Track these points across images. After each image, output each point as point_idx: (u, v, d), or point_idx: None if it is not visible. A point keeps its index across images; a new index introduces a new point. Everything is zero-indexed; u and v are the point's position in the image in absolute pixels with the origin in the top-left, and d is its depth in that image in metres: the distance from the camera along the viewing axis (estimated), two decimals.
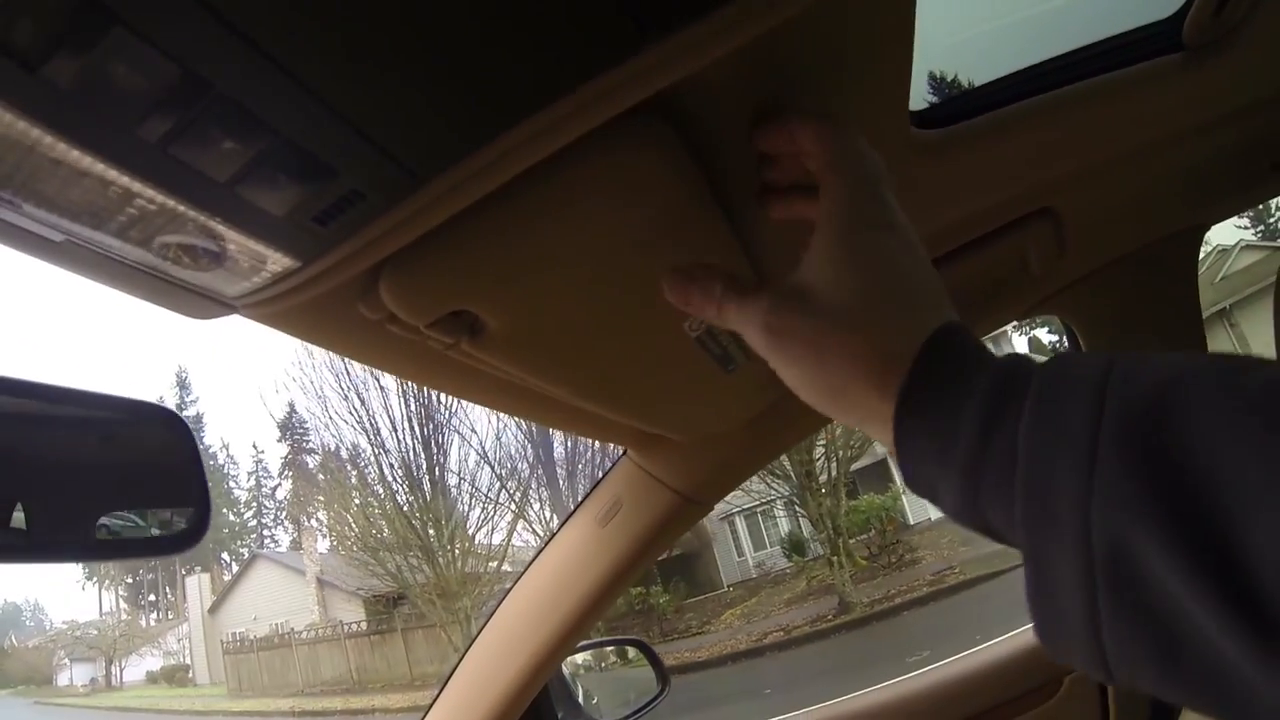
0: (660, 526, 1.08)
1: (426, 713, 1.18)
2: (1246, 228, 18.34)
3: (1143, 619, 0.31)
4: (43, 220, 0.37)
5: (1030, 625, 0.36)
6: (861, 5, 0.47)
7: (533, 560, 1.17)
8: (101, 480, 0.55)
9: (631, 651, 1.75)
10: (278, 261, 0.42)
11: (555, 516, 13.21)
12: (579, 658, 1.53)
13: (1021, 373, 0.37)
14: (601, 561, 1.08)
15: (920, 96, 0.72)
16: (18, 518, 0.52)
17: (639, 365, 0.72)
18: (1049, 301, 1.15)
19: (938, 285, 0.45)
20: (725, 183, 0.54)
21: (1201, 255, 1.29)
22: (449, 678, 1.18)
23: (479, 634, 1.18)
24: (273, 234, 0.40)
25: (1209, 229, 1.24)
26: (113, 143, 0.33)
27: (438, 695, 1.17)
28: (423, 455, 12.92)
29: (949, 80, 0.82)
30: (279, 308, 0.47)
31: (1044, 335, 24.26)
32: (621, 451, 1.11)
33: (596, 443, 12.51)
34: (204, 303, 0.47)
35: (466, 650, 1.18)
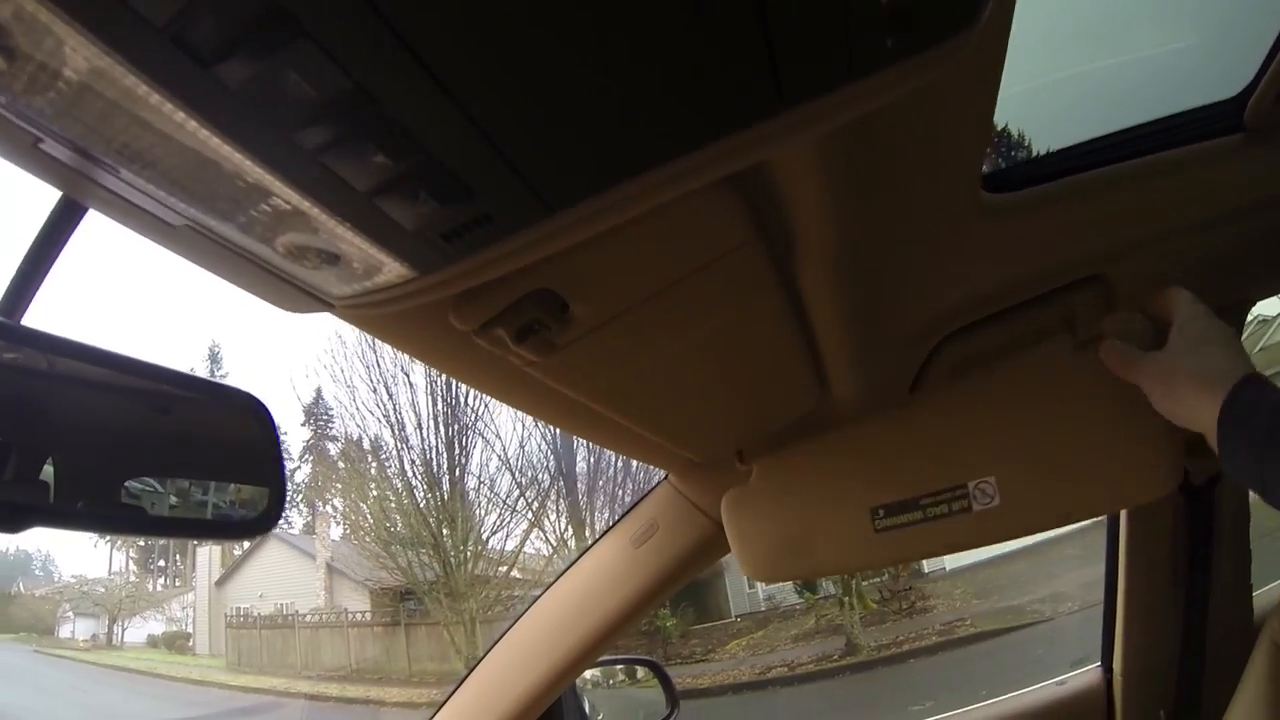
0: (693, 553, 1.10)
1: (441, 707, 1.20)
2: None
3: None
4: (168, 204, 0.36)
5: (1038, 687, 0.37)
6: (949, 80, 0.47)
7: (563, 572, 1.18)
8: (178, 460, 0.57)
9: (640, 671, 1.74)
10: (392, 270, 0.42)
11: (571, 529, 13.16)
12: (586, 673, 1.53)
13: None
14: (632, 581, 1.10)
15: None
16: (108, 487, 0.54)
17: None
18: None
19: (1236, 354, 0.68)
20: (790, 245, 0.58)
21: None
22: (466, 676, 1.20)
23: (501, 637, 1.19)
24: (398, 245, 0.40)
25: (1255, 304, 1.24)
26: (267, 145, 0.32)
27: (454, 691, 1.19)
28: (445, 454, 12.91)
29: (1016, 137, 0.84)
30: (376, 313, 0.47)
31: None
32: (663, 476, 1.13)
33: (619, 460, 12.47)
34: (303, 298, 0.47)
35: (487, 652, 1.19)
